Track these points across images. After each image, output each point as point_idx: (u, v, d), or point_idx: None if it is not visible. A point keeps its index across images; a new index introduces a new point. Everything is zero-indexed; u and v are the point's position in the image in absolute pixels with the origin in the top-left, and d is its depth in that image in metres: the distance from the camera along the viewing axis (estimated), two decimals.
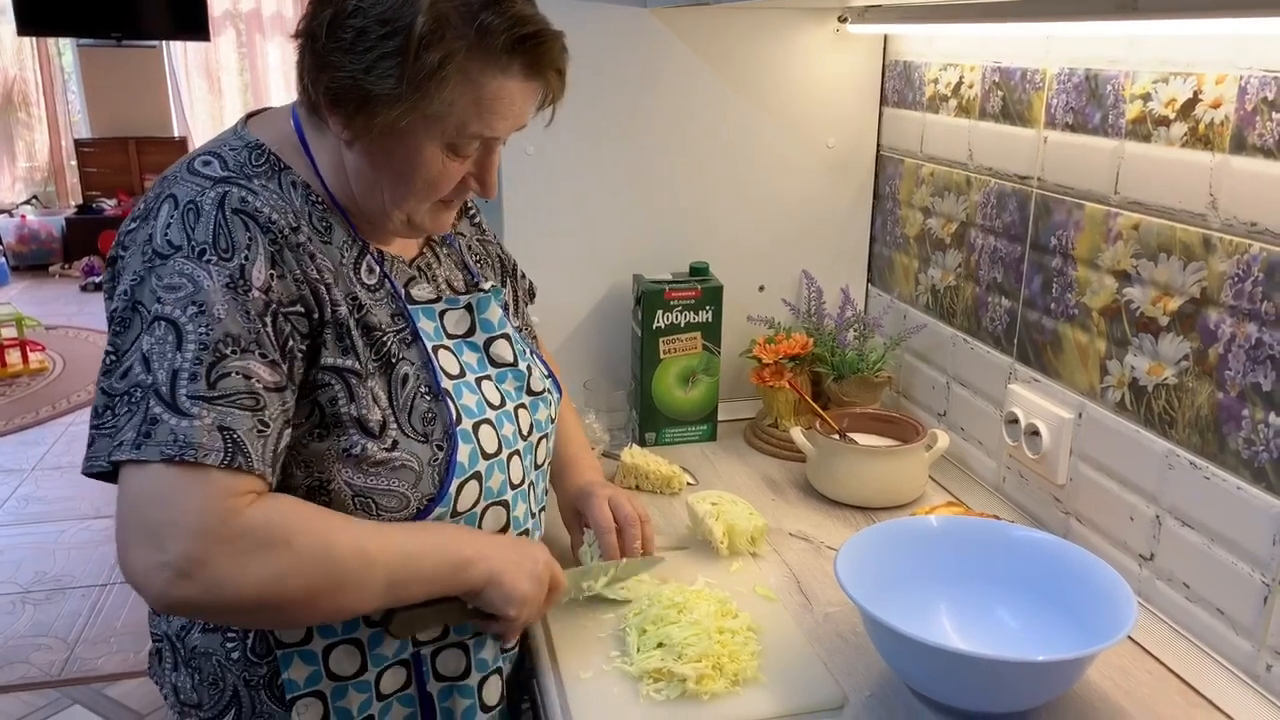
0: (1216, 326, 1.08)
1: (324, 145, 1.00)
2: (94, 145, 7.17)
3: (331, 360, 0.95)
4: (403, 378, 1.00)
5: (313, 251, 0.96)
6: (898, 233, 1.75)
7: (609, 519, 1.19)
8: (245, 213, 0.92)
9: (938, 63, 1.59)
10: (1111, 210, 1.22)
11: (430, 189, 0.98)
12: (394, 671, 1.05)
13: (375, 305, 1.00)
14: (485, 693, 1.11)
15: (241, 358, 0.88)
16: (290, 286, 0.93)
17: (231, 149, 0.98)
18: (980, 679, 0.96)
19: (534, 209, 1.66)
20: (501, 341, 1.11)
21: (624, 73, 1.64)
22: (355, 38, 0.89)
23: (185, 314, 0.87)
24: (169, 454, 0.84)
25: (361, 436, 0.95)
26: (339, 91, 0.92)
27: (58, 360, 5.17)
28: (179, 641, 1.04)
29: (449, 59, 0.89)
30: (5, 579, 3.16)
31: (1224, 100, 1.05)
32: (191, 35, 7.09)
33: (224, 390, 0.87)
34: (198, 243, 0.90)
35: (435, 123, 0.93)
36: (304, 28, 0.94)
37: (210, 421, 0.86)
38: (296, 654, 1.00)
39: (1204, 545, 1.11)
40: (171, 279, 0.88)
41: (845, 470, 1.45)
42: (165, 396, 0.86)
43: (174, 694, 1.06)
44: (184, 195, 0.93)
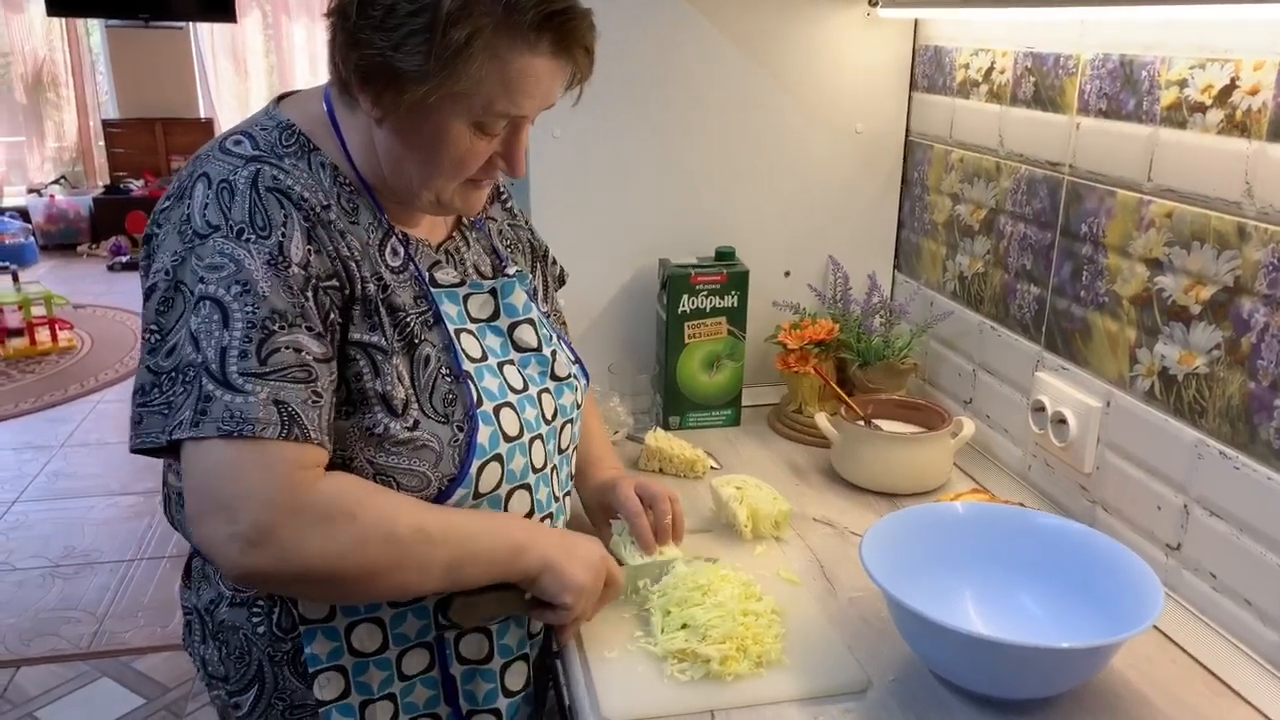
0: (1250, 316, 1.07)
1: (354, 125, 1.00)
2: (121, 126, 7.23)
3: (359, 336, 0.97)
4: (424, 359, 1.01)
5: (342, 230, 0.97)
6: (926, 219, 1.74)
7: (637, 503, 1.19)
8: (279, 190, 0.94)
9: (969, 48, 1.58)
10: (1144, 198, 1.21)
11: (458, 167, 0.99)
12: (417, 653, 1.07)
13: (399, 286, 1.01)
14: (508, 678, 1.11)
15: (290, 332, 0.90)
16: (325, 261, 0.94)
17: (263, 129, 0.99)
18: (1004, 665, 0.96)
19: (561, 192, 1.66)
20: (525, 326, 1.12)
21: (652, 56, 1.64)
22: (385, 15, 0.90)
23: (230, 293, 0.89)
24: (226, 429, 0.86)
25: (385, 415, 0.97)
26: (369, 69, 0.92)
27: (86, 339, 5.23)
28: (208, 615, 1.06)
29: (476, 35, 0.90)
30: (35, 553, 3.21)
31: (1262, 87, 1.04)
32: (218, 16, 7.12)
33: (276, 365, 0.89)
34: (235, 222, 0.91)
35: (463, 100, 0.93)
36: (335, 6, 0.95)
37: (265, 396, 0.88)
38: (319, 630, 1.02)
39: (1232, 535, 1.11)
40: (213, 259, 0.90)
41: (870, 456, 1.44)
42: (216, 374, 0.87)
43: (203, 666, 1.08)
44: (217, 174, 0.94)
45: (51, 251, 7.05)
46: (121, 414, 4.32)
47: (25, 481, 3.70)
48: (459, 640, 1.08)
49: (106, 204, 7.09)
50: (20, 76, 7.31)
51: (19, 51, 7.27)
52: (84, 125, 7.55)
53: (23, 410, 4.34)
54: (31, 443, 4.04)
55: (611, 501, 1.21)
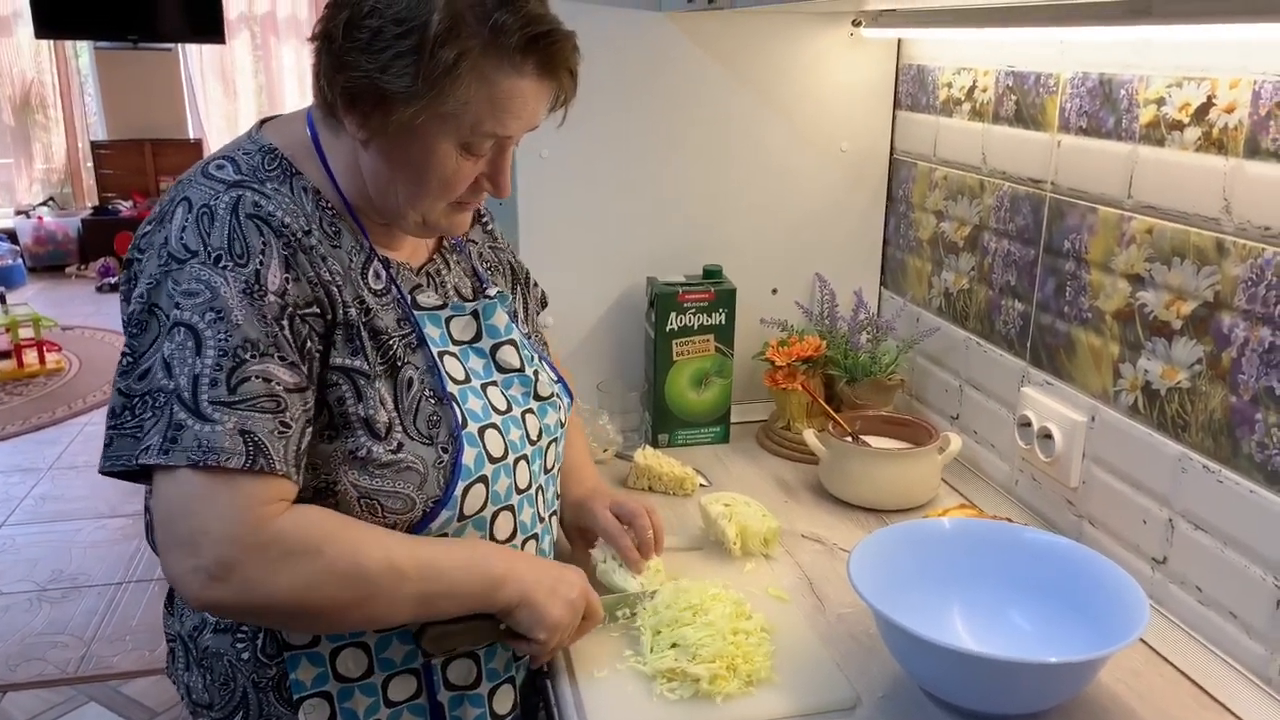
0: (1230, 330, 1.08)
1: (339, 147, 1.01)
2: (110, 147, 7.22)
3: (341, 360, 0.97)
4: (407, 381, 1.01)
5: (324, 254, 0.97)
6: (911, 236, 1.76)
7: (616, 523, 1.20)
8: (259, 217, 0.94)
9: (951, 67, 1.60)
10: (1125, 214, 1.23)
11: (445, 188, 0.99)
12: (403, 680, 1.06)
13: (382, 310, 1.01)
14: (496, 702, 1.11)
15: (260, 361, 0.90)
16: (305, 288, 0.94)
17: (245, 153, 1.00)
18: (993, 680, 0.97)
19: (548, 212, 1.67)
20: (508, 347, 1.12)
21: (638, 76, 1.65)
22: (371, 37, 0.91)
23: (204, 320, 0.89)
24: (194, 459, 0.86)
25: (368, 438, 0.97)
26: (355, 91, 0.93)
27: (74, 360, 5.21)
28: (191, 642, 1.05)
29: (463, 57, 0.90)
30: (22, 577, 3.19)
31: (1238, 105, 1.05)
32: (207, 38, 7.13)
33: (244, 395, 0.88)
34: (213, 248, 0.91)
35: (450, 121, 0.94)
36: (320, 30, 0.95)
37: (232, 426, 0.87)
38: (304, 656, 1.01)
39: (1217, 549, 1.11)
40: (189, 284, 0.90)
41: (858, 472, 1.45)
42: (188, 402, 0.87)
43: (187, 694, 1.07)
44: (198, 199, 0.94)
45: (40, 273, 7.03)
46: None
47: (13, 504, 3.67)
48: (446, 666, 1.08)
49: (95, 225, 7.07)
50: (8, 98, 7.30)
51: (7, 73, 7.26)
52: (72, 147, 7.54)
53: (10, 433, 4.31)
54: (19, 465, 4.01)
55: (589, 524, 1.22)
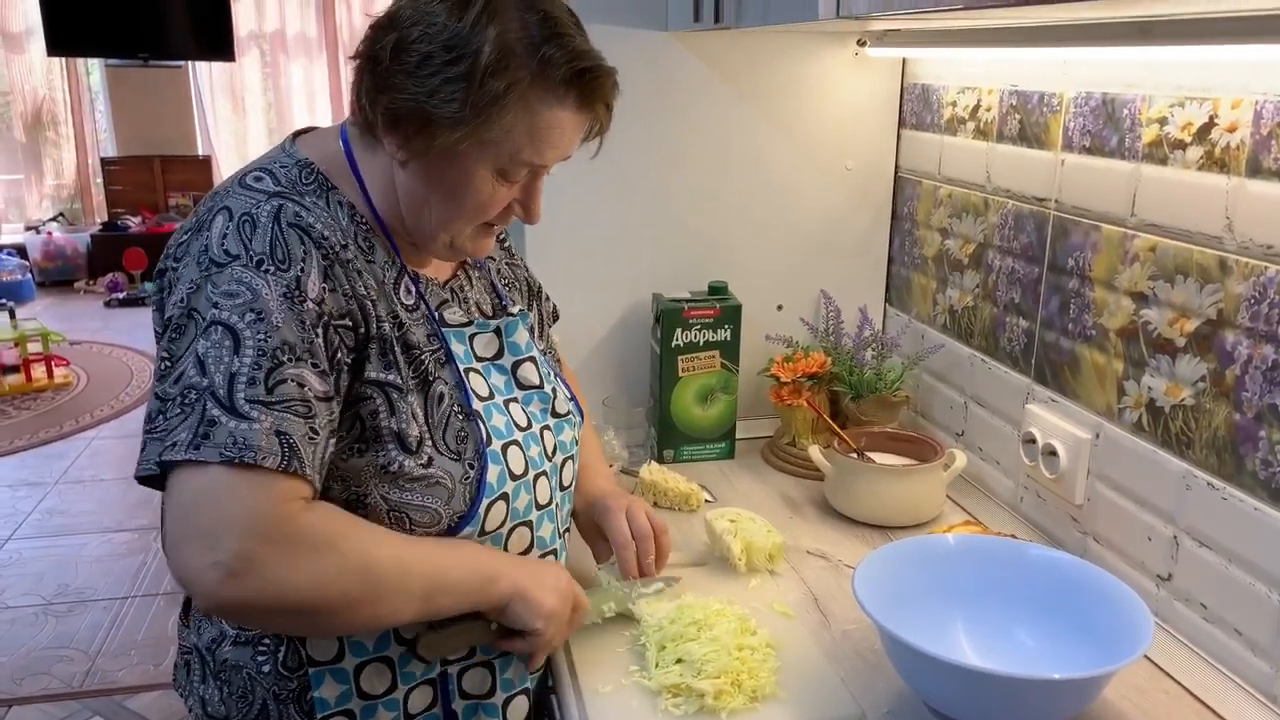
0: (1233, 348, 1.09)
1: (374, 165, 1.02)
2: (120, 163, 7.27)
3: (375, 374, 0.98)
4: (438, 396, 1.02)
5: (359, 269, 0.98)
6: (916, 253, 1.76)
7: (626, 535, 1.20)
8: (300, 227, 0.95)
9: (955, 86, 1.61)
10: (1128, 232, 1.23)
11: (479, 212, 1.01)
12: (421, 691, 1.07)
13: (413, 325, 1.02)
14: (510, 712, 1.12)
15: (296, 366, 0.90)
16: (340, 300, 0.95)
17: (283, 166, 1.01)
18: (997, 697, 0.97)
19: (555, 228, 1.68)
20: (528, 364, 1.13)
21: (645, 95, 1.67)
22: (420, 62, 0.92)
23: (244, 320, 0.89)
24: (229, 455, 0.86)
25: (399, 452, 0.97)
26: (400, 113, 0.94)
27: (82, 375, 5.23)
28: (209, 654, 1.05)
29: (512, 88, 0.92)
30: (29, 591, 3.19)
31: (1240, 124, 1.06)
32: (217, 56, 7.20)
33: (280, 396, 0.89)
34: (256, 253, 0.92)
35: (491, 148, 0.95)
36: (364, 49, 0.97)
37: (269, 425, 0.88)
38: (328, 672, 1.02)
39: (1222, 566, 1.11)
40: (229, 286, 0.91)
41: (863, 489, 1.45)
42: (223, 399, 0.87)
43: (201, 706, 1.07)
44: (239, 208, 0.95)
45: (49, 288, 7.06)
46: (117, 450, 4.31)
47: (19, 519, 3.68)
48: (462, 676, 1.08)
49: (104, 241, 7.12)
50: (20, 115, 7.36)
51: (19, 91, 7.33)
52: (82, 163, 7.59)
53: (18, 447, 4.33)
54: (26, 479, 4.03)
55: (602, 523, 1.22)
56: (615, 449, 1.62)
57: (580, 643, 1.15)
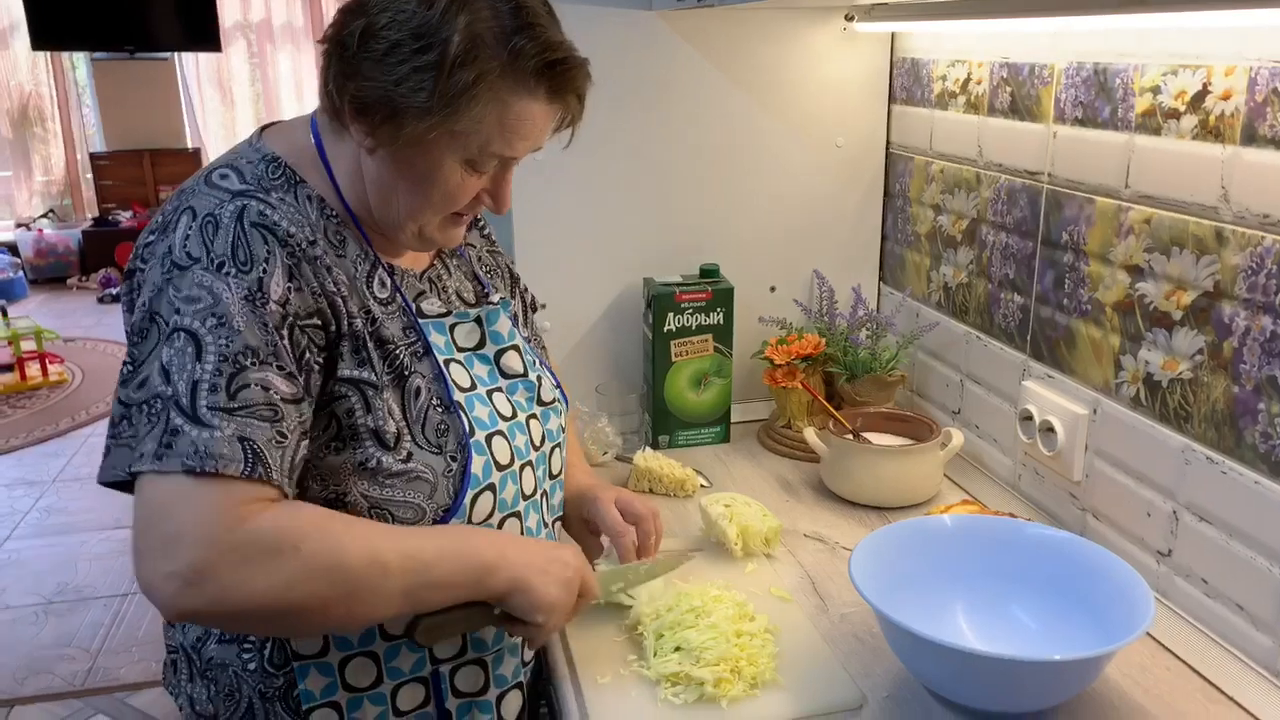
0: (1230, 320, 1.07)
1: (342, 153, 1.00)
2: (109, 158, 7.23)
3: (348, 372, 0.96)
4: (415, 390, 1.00)
5: (329, 265, 0.97)
6: (909, 230, 1.75)
7: (620, 521, 1.18)
8: (264, 226, 0.93)
9: (945, 59, 1.59)
10: (1123, 205, 1.22)
11: (447, 202, 0.99)
12: (412, 688, 1.05)
13: (388, 319, 1.01)
14: (504, 707, 1.11)
15: (260, 369, 0.89)
16: (308, 299, 0.93)
17: (249, 162, 0.99)
18: (997, 679, 0.96)
19: (543, 214, 1.67)
20: (511, 353, 1.12)
21: (630, 75, 1.64)
22: (388, 50, 0.90)
23: (205, 325, 0.88)
24: (190, 465, 0.84)
25: (377, 449, 0.96)
26: (367, 101, 0.92)
27: (77, 372, 5.21)
28: (195, 653, 1.05)
29: (482, 78, 0.90)
30: (29, 590, 3.19)
31: (1234, 92, 1.04)
32: (203, 46, 7.14)
33: (243, 401, 0.87)
34: (216, 255, 0.90)
35: (460, 138, 0.94)
36: (332, 34, 0.94)
37: (230, 432, 0.86)
38: (313, 665, 1.01)
39: (1222, 540, 1.10)
40: (190, 290, 0.89)
41: (859, 470, 1.44)
42: (185, 408, 0.86)
43: (190, 705, 1.06)
44: (202, 208, 0.94)
45: (41, 285, 7.04)
46: None
47: (17, 518, 3.67)
48: (454, 674, 1.07)
49: (95, 236, 7.08)
50: (6, 111, 7.31)
51: (4, 86, 7.27)
52: (71, 158, 7.55)
53: (14, 446, 4.31)
54: (23, 478, 4.02)
55: (593, 516, 1.20)
56: (609, 436, 1.61)
57: (578, 633, 1.14)
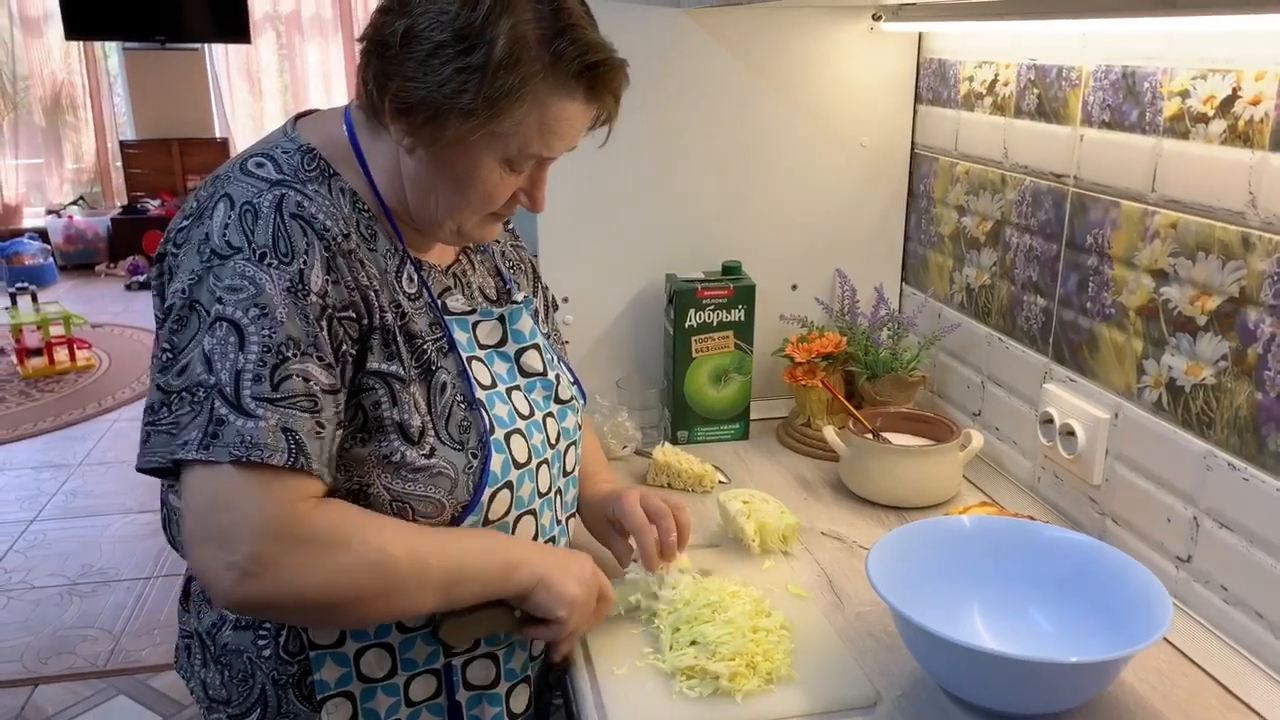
0: (1256, 326, 1.07)
1: (379, 150, 1.01)
2: (138, 147, 7.30)
3: (377, 365, 0.97)
4: (441, 386, 1.01)
5: (362, 259, 0.98)
6: (932, 231, 1.74)
7: (643, 518, 1.18)
8: (302, 218, 0.94)
9: (972, 60, 1.58)
10: (1149, 209, 1.21)
11: (485, 201, 1.00)
12: (424, 680, 1.07)
13: (416, 314, 1.02)
14: (513, 701, 1.12)
15: (301, 360, 0.90)
16: (343, 292, 0.94)
17: (284, 152, 0.99)
18: (1013, 680, 0.96)
19: (568, 209, 1.67)
20: (532, 352, 1.13)
21: (657, 73, 1.65)
22: (431, 51, 0.90)
23: (248, 315, 0.89)
24: (237, 455, 0.86)
25: (402, 442, 0.97)
26: (409, 101, 0.93)
27: (104, 358, 5.28)
28: (209, 638, 1.06)
29: (526, 81, 0.91)
30: (53, 571, 3.24)
31: (1264, 97, 1.03)
32: (233, 38, 7.20)
33: (286, 392, 0.89)
34: (258, 245, 0.91)
35: (500, 139, 0.94)
36: (372, 34, 0.95)
37: (275, 422, 0.87)
38: (329, 655, 1.02)
39: (1243, 547, 1.10)
40: (233, 280, 0.90)
41: (878, 470, 1.44)
42: (230, 397, 0.87)
43: (202, 689, 1.07)
44: (240, 196, 0.94)
45: (70, 272, 7.13)
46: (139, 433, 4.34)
47: (43, 500, 3.73)
48: (466, 667, 1.08)
49: (124, 224, 7.16)
50: (39, 99, 7.39)
51: (38, 75, 7.35)
52: (102, 147, 7.62)
53: (41, 429, 4.38)
54: (50, 461, 4.07)
55: (618, 515, 1.21)
56: (629, 430, 1.62)
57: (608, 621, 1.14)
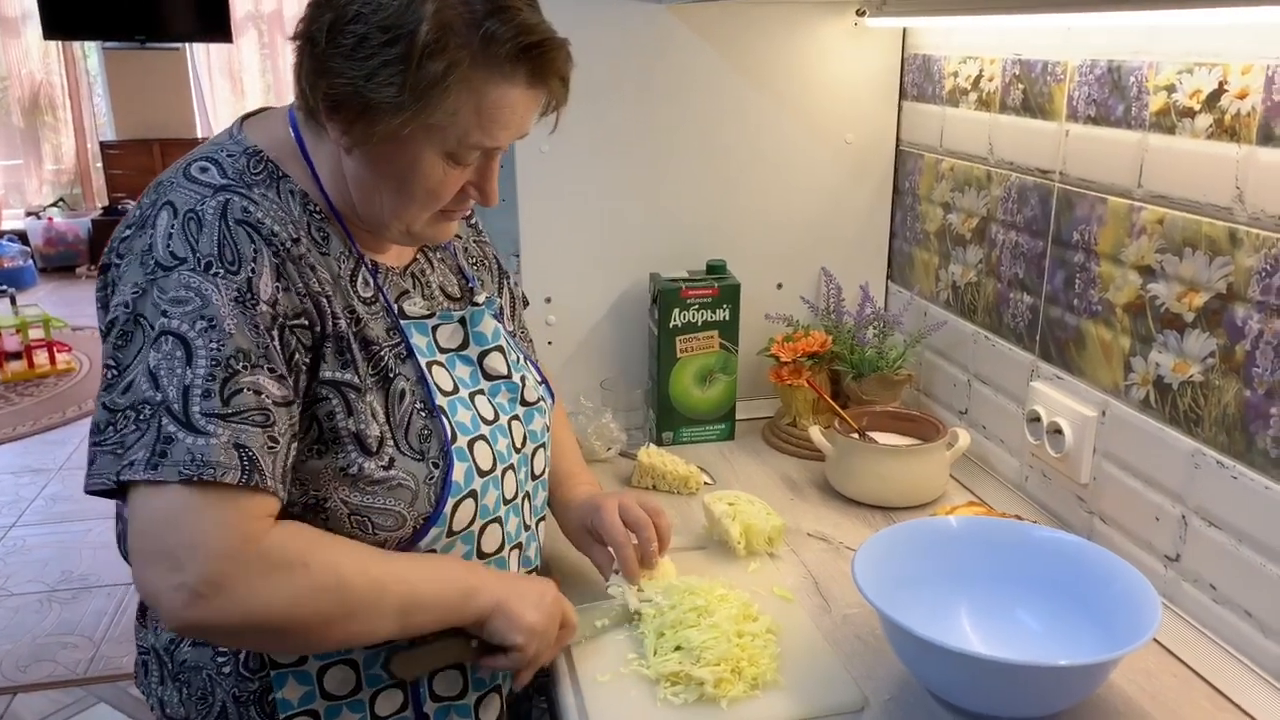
0: (1243, 322, 1.06)
1: (323, 151, 0.97)
2: (119, 147, 7.23)
3: (331, 374, 0.94)
4: (400, 393, 0.98)
5: (313, 263, 0.94)
6: (918, 229, 1.73)
7: (622, 530, 1.16)
8: (248, 224, 0.90)
9: (957, 56, 1.57)
10: (1135, 204, 1.20)
11: (431, 198, 0.96)
12: (390, 695, 1.03)
13: (372, 319, 0.98)
14: (483, 711, 1.09)
15: (252, 373, 0.87)
16: (294, 299, 0.91)
17: (229, 155, 0.96)
18: (1001, 684, 0.95)
19: (549, 208, 1.65)
20: (495, 354, 1.10)
21: (639, 69, 1.63)
22: (356, 44, 0.87)
23: (194, 329, 0.86)
24: (187, 474, 0.83)
25: (359, 454, 0.94)
26: (338, 98, 0.89)
27: (84, 361, 5.22)
28: (167, 655, 1.02)
29: (453, 68, 0.87)
30: (33, 578, 3.20)
31: (1250, 91, 1.02)
32: (214, 37, 7.14)
33: (237, 407, 0.85)
34: (203, 255, 0.88)
35: (437, 132, 0.91)
36: (303, 30, 0.92)
37: (226, 439, 0.84)
38: (291, 674, 0.99)
39: (1231, 546, 1.09)
40: (177, 292, 0.86)
41: (865, 470, 1.43)
42: (178, 414, 0.84)
43: (160, 708, 1.04)
44: (183, 203, 0.91)
45: (50, 274, 7.05)
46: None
47: (23, 505, 3.68)
48: (432, 678, 1.05)
49: (105, 226, 7.09)
50: (17, 100, 7.32)
51: (16, 75, 7.28)
52: (82, 147, 7.56)
53: (20, 433, 4.33)
54: (29, 466, 4.03)
55: (597, 527, 1.18)
56: (613, 432, 1.60)
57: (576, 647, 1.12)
